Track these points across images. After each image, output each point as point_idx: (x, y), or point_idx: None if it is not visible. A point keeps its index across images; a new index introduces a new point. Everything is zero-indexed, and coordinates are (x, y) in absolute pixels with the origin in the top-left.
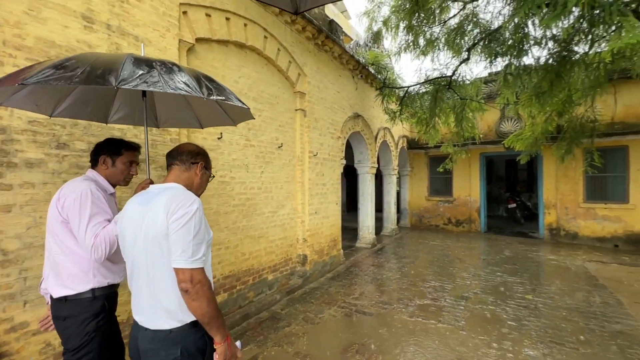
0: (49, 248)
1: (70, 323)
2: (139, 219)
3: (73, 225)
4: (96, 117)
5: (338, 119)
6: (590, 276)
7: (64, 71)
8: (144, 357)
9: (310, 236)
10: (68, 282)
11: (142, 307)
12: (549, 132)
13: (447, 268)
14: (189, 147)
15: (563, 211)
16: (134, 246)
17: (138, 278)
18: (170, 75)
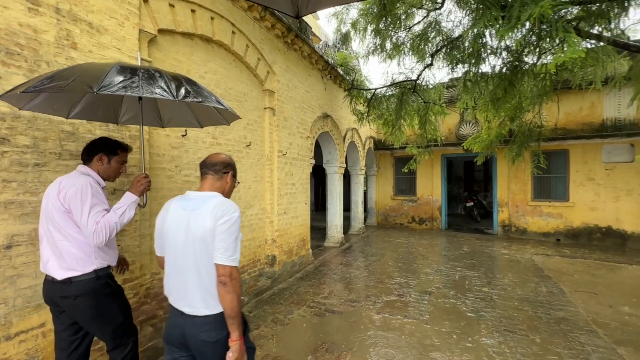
0: (50, 236)
1: (82, 300)
2: (184, 222)
3: (75, 214)
4: (107, 119)
5: (307, 119)
6: (537, 268)
7: (57, 80)
8: (193, 340)
9: (279, 236)
10: (73, 265)
11: (190, 298)
12: (502, 136)
13: (412, 264)
14: (220, 158)
15: (514, 209)
16: (182, 246)
17: (184, 273)
18: (150, 80)
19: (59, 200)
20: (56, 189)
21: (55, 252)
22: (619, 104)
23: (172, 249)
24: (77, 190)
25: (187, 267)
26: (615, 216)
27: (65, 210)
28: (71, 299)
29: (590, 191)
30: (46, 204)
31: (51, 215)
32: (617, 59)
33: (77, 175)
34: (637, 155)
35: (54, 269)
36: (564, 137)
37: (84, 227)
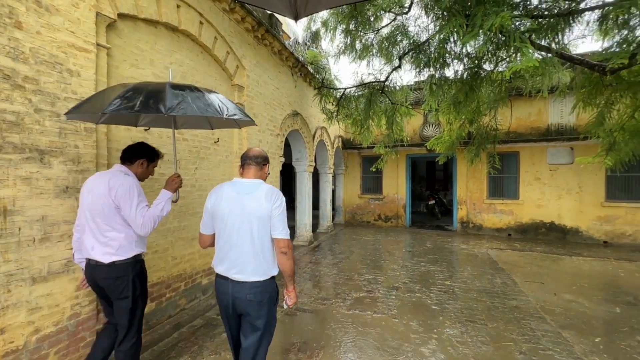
0: (96, 227)
1: (121, 281)
2: (238, 203)
3: (124, 210)
4: (129, 122)
5: (277, 116)
6: (492, 261)
7: (127, 102)
8: (240, 300)
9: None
10: (118, 251)
11: (243, 266)
12: (462, 138)
13: (379, 261)
14: (260, 152)
15: (472, 207)
16: (239, 222)
17: (240, 247)
18: (197, 101)
19: (110, 197)
20: (106, 187)
21: (101, 241)
22: (561, 111)
23: (227, 226)
24: (127, 190)
25: (243, 241)
26: (558, 212)
27: (115, 206)
28: (112, 280)
29: (537, 190)
30: (92, 199)
31: (100, 210)
32: (561, 70)
33: (122, 175)
34: (577, 157)
35: (99, 255)
36: (515, 140)
37: (133, 220)
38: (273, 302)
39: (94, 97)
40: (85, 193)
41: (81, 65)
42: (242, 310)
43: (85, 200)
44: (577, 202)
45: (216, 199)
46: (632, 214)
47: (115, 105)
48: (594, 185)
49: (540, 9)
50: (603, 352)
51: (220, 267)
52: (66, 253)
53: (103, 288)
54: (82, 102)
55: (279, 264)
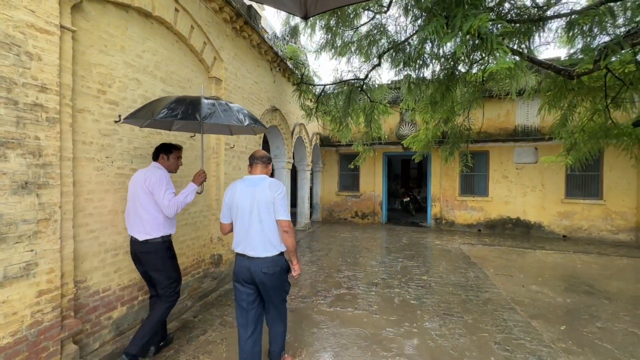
0: (136, 211)
1: (153, 255)
2: (249, 195)
3: (156, 195)
4: (165, 127)
5: (256, 111)
6: (465, 256)
7: (172, 111)
8: (256, 273)
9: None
10: (149, 231)
11: (255, 245)
12: (437, 137)
13: (358, 258)
14: (264, 153)
15: (445, 204)
16: (249, 210)
17: (251, 230)
18: (225, 112)
19: (145, 185)
20: (142, 178)
21: (138, 222)
22: (527, 113)
23: (242, 213)
24: (157, 179)
25: (254, 225)
26: (523, 209)
27: (149, 193)
28: (146, 254)
29: (504, 187)
30: (134, 188)
31: (139, 197)
32: (528, 74)
33: (154, 169)
34: (541, 157)
35: (138, 233)
36: (486, 140)
37: (161, 202)
38: (284, 272)
39: (145, 106)
40: (131, 184)
41: (42, 48)
42: (259, 281)
43: (130, 190)
44: (540, 199)
45: (232, 194)
46: (587, 210)
47: (163, 113)
48: (555, 183)
49: (512, 15)
50: (568, 339)
51: (239, 247)
52: (25, 256)
53: (141, 261)
54: (137, 110)
55: (283, 241)
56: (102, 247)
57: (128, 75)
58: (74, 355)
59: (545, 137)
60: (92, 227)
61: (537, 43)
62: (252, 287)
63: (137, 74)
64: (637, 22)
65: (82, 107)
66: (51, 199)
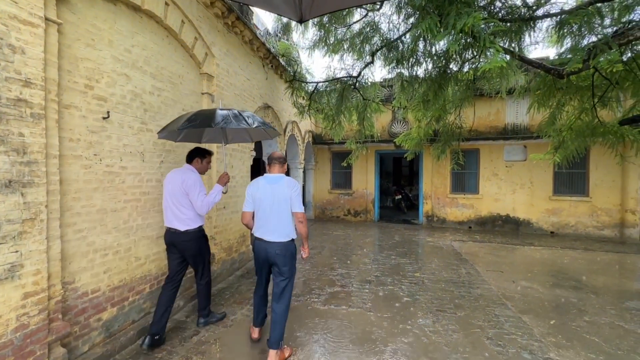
0: (174, 207)
1: (192, 243)
2: (270, 190)
3: (191, 195)
4: (194, 140)
5: (248, 108)
6: (456, 253)
7: (192, 123)
8: (274, 256)
9: (218, 233)
10: (188, 223)
11: (272, 232)
12: (429, 135)
13: (351, 255)
14: (281, 154)
15: (436, 201)
16: (270, 203)
17: (270, 219)
18: (235, 118)
19: (182, 187)
20: (180, 180)
21: (178, 216)
22: (517, 112)
23: (263, 206)
24: (193, 183)
25: (272, 216)
26: (512, 206)
27: (185, 193)
28: (186, 242)
29: (494, 185)
30: (172, 188)
31: (177, 195)
32: (518, 73)
33: (190, 172)
34: (530, 154)
35: (177, 225)
36: (476, 138)
37: (195, 202)
38: (293, 256)
39: (173, 121)
40: (167, 184)
41: (26, 41)
42: (272, 261)
43: (168, 189)
44: (529, 196)
45: (255, 189)
46: (574, 207)
47: (185, 124)
48: (544, 180)
49: (503, 14)
50: (558, 333)
51: (258, 232)
52: (10, 257)
53: (178, 248)
54: (167, 125)
55: (298, 229)
56: (90, 247)
57: (116, 70)
58: (62, 359)
59: (534, 135)
60: (80, 226)
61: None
62: (267, 266)
63: (126, 69)
64: (624, 22)
65: (68, 102)
66: (37, 198)
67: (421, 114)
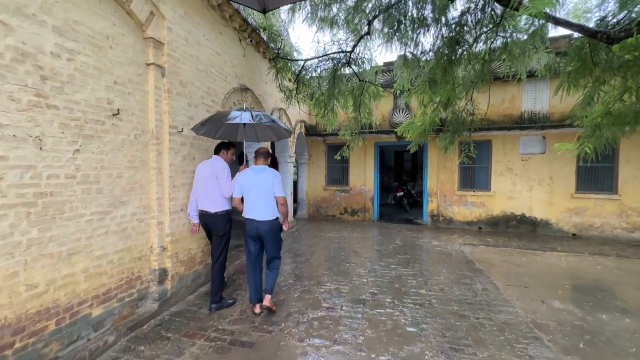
0: (206, 191)
1: (221, 224)
2: (256, 179)
3: (221, 180)
4: (210, 135)
5: (218, 89)
6: (468, 260)
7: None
8: (265, 233)
9: (173, 242)
10: (219, 206)
11: (261, 212)
12: (435, 124)
13: (343, 264)
14: (266, 149)
15: (442, 199)
16: (257, 190)
17: (257, 201)
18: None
19: (213, 172)
20: (210, 167)
21: (209, 199)
22: (535, 98)
23: (251, 192)
24: (222, 168)
25: (259, 199)
26: (529, 204)
27: (215, 178)
28: (217, 222)
29: (508, 181)
30: (203, 175)
31: (209, 181)
32: (542, 50)
33: (219, 160)
34: (555, 144)
35: (209, 207)
36: (488, 128)
37: (224, 187)
38: (279, 230)
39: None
40: (198, 173)
41: None
42: (263, 236)
43: (200, 176)
44: (547, 194)
45: (243, 178)
46: (600, 206)
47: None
48: (565, 176)
49: None
50: None
51: (250, 214)
52: None
53: (210, 228)
54: (206, 120)
55: (279, 210)
56: None
57: None
58: None
59: (555, 125)
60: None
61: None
62: (258, 241)
63: (2, 14)
64: None
65: None
66: None
67: (427, 97)
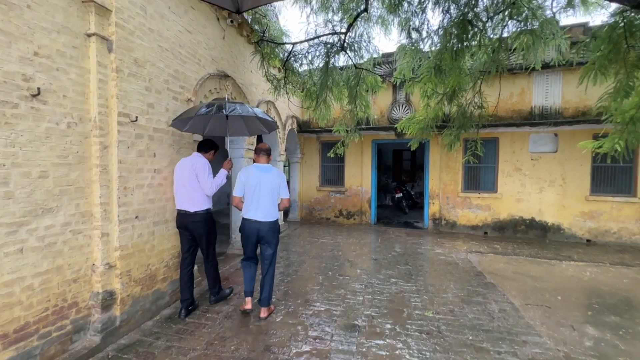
0: (185, 190)
1: (201, 224)
2: (261, 178)
3: (200, 177)
4: (197, 131)
5: (189, 73)
6: (477, 272)
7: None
8: (266, 234)
9: (124, 257)
10: (198, 205)
11: (263, 213)
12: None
13: (337, 278)
14: (268, 146)
15: (445, 201)
16: (260, 189)
17: (259, 202)
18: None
19: (193, 170)
20: (190, 164)
21: (187, 198)
22: (546, 92)
23: (253, 191)
24: (202, 166)
25: (263, 199)
26: (539, 207)
27: (195, 176)
28: (196, 223)
29: (517, 182)
30: (181, 173)
31: (188, 179)
32: (560, 36)
33: (199, 157)
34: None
35: (189, 207)
36: (496, 124)
37: (204, 184)
38: (278, 232)
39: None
40: (177, 170)
41: None
42: (263, 237)
43: (178, 174)
44: (559, 196)
45: (247, 176)
46: (617, 209)
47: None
48: (579, 177)
49: None
50: None
51: (249, 214)
52: None
53: (189, 228)
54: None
55: (280, 209)
56: None
57: None
58: None
59: (569, 121)
60: None
61: None
62: (256, 242)
63: None
64: None
65: None
66: None
67: (431, 87)
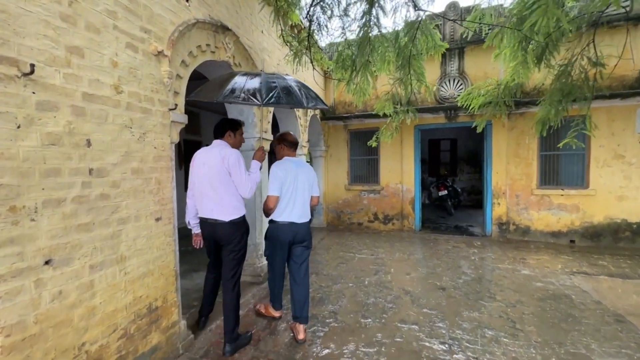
0: (215, 192)
1: (236, 234)
2: (295, 173)
3: (234, 174)
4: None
5: (159, 10)
6: (602, 307)
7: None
8: (303, 237)
9: (15, 347)
10: (234, 211)
11: (297, 214)
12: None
13: (399, 328)
14: (295, 137)
15: (514, 200)
16: (295, 186)
17: (295, 201)
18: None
19: (223, 165)
20: (219, 158)
21: (219, 203)
22: None
23: (289, 190)
24: (236, 160)
25: (298, 197)
26: None
27: (228, 173)
28: (232, 235)
29: (617, 174)
30: (207, 171)
31: (217, 178)
32: None
33: (227, 148)
34: None
35: (221, 215)
36: (584, 97)
37: (241, 184)
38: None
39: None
40: (200, 165)
41: None
42: (301, 239)
43: (203, 171)
44: None
45: (286, 172)
46: None
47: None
48: None
49: None
50: None
51: (282, 216)
52: None
53: (218, 242)
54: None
55: (312, 206)
56: None
57: None
58: None
59: None
60: None
61: None
62: (290, 244)
63: None
64: None
65: None
66: None
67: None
